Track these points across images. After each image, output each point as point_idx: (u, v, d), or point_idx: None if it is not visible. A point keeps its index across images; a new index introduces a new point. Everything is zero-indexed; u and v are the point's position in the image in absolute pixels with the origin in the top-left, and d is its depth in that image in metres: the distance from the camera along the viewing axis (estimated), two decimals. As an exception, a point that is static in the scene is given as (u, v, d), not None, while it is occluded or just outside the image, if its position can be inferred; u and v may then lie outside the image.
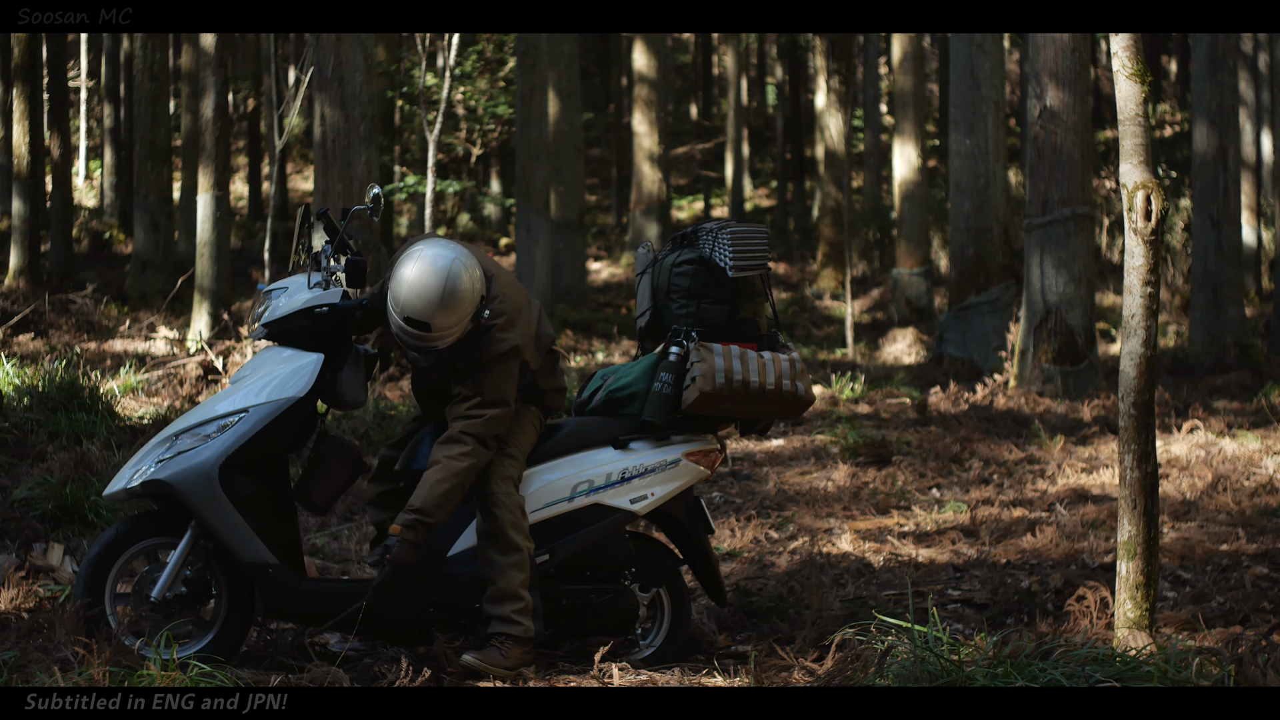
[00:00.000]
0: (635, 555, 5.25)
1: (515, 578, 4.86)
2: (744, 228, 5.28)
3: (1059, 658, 4.07)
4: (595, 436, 5.20)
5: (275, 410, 4.84)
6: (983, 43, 14.28)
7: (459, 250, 4.84)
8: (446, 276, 4.75)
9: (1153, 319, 4.71)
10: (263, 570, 4.77)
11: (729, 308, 5.30)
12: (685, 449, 5.24)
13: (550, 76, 18.27)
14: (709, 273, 5.27)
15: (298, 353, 4.94)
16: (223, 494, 4.71)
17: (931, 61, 34.16)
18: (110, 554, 4.74)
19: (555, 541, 5.07)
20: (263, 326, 4.99)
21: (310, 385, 4.89)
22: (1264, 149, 20.53)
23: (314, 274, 5.03)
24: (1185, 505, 7.94)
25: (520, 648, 4.83)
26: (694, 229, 5.43)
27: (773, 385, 5.17)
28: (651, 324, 5.40)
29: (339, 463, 4.99)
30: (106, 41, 23.31)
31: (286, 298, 4.99)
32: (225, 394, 4.94)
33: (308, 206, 5.29)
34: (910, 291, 19.55)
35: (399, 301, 4.78)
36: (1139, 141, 4.80)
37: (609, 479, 5.15)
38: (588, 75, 33.33)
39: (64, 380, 8.62)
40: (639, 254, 5.51)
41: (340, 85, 10.87)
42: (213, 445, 4.75)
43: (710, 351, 5.13)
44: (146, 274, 16.44)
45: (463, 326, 4.84)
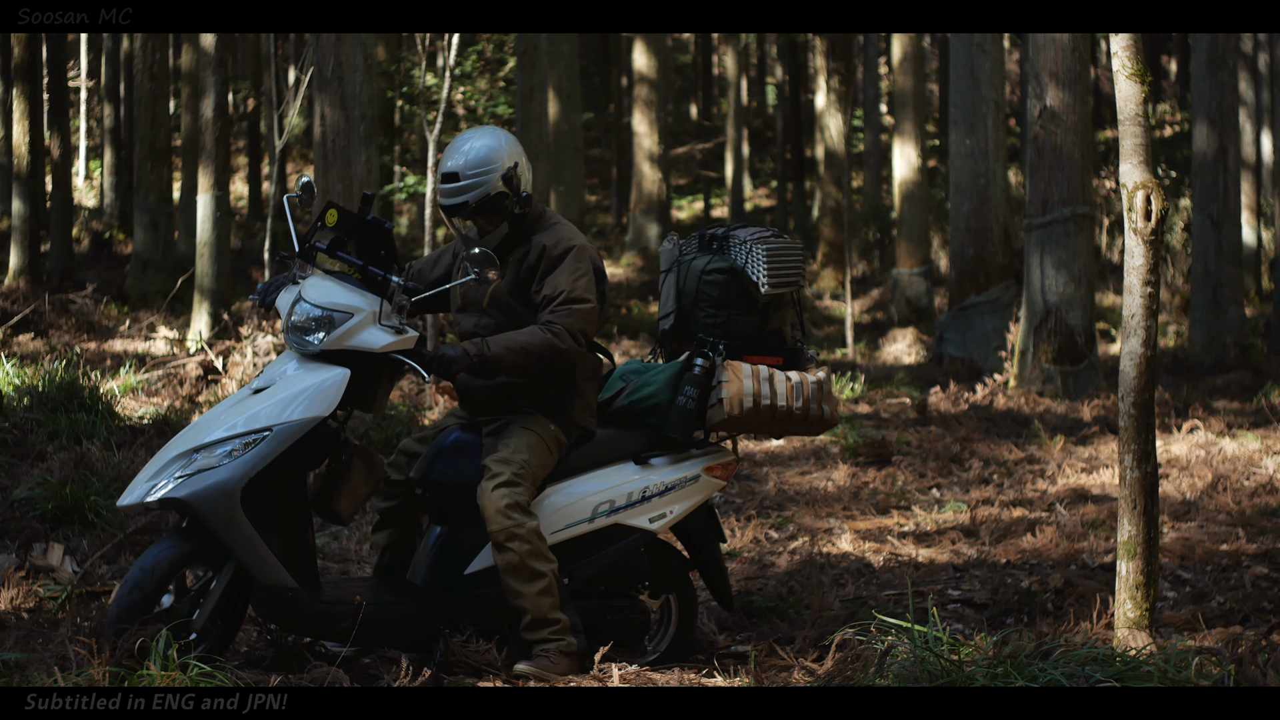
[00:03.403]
0: (649, 568, 5.21)
1: (545, 603, 4.82)
2: (780, 243, 5.18)
3: (1059, 658, 4.07)
4: (616, 451, 5.13)
5: (299, 430, 4.67)
6: (983, 43, 14.28)
7: (498, 129, 5.08)
8: (481, 131, 5.04)
9: (1153, 319, 4.71)
10: (281, 594, 4.66)
11: (757, 320, 5.22)
12: (705, 463, 5.20)
13: (550, 76, 18.27)
14: (739, 285, 5.19)
15: (321, 366, 4.77)
16: (243, 516, 4.57)
17: (931, 61, 34.16)
18: (166, 571, 4.55)
19: (574, 564, 5.01)
20: (321, 350, 4.76)
21: (336, 404, 4.73)
22: (1264, 149, 20.53)
23: (381, 302, 4.78)
24: (1185, 505, 7.93)
25: (567, 658, 4.82)
26: (725, 233, 5.32)
27: (800, 408, 5.11)
28: (675, 328, 5.31)
29: (360, 471, 4.84)
30: (106, 41, 23.30)
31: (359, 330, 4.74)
32: (244, 403, 4.76)
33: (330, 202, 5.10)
34: (910, 291, 19.54)
35: (438, 172, 5.01)
36: (1139, 141, 4.80)
37: (630, 498, 5.08)
38: (588, 75, 33.33)
39: (64, 380, 8.62)
40: (664, 248, 5.41)
41: (340, 85, 10.86)
42: (234, 465, 4.58)
43: (739, 373, 5.05)
44: (146, 274, 16.43)
45: (492, 182, 4.94)
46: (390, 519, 5.25)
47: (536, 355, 4.87)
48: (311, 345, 4.78)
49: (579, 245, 5.02)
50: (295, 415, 4.67)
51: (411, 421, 9.17)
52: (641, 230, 24.56)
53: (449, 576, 4.96)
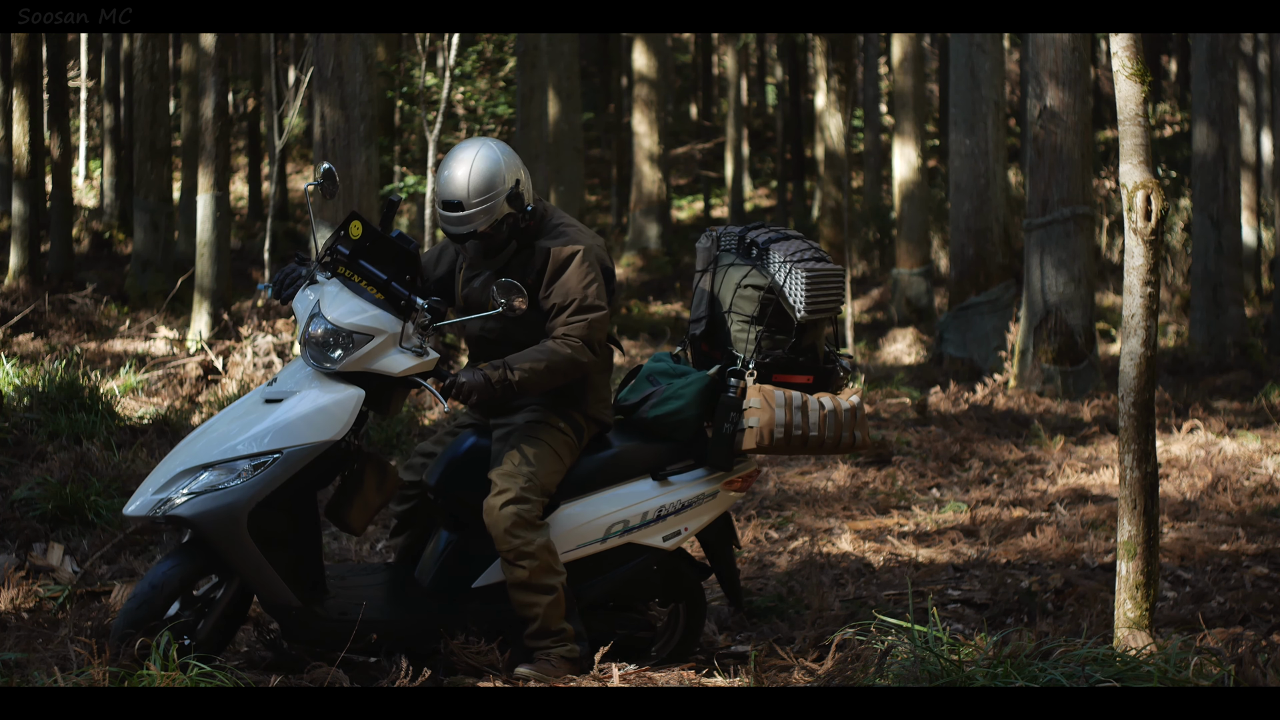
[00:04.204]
0: (661, 584, 5.16)
1: (554, 613, 4.81)
2: (822, 268, 5.03)
3: (1059, 658, 4.07)
4: (635, 466, 5.05)
5: (310, 453, 4.60)
6: (983, 43, 14.28)
7: (491, 141, 4.95)
8: (478, 150, 4.89)
9: (1153, 319, 4.71)
10: (285, 613, 4.63)
11: (791, 339, 5.12)
12: (725, 477, 5.13)
13: (550, 76, 18.26)
14: (776, 306, 5.08)
15: (337, 384, 4.68)
16: (248, 538, 4.51)
17: (931, 61, 34.14)
18: (174, 587, 4.53)
19: (584, 583, 4.96)
20: (337, 369, 4.68)
21: (349, 426, 4.66)
22: (1264, 149, 20.53)
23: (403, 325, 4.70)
24: (1185, 505, 7.93)
25: (568, 662, 4.81)
26: (766, 241, 5.16)
27: (832, 436, 5.03)
28: (707, 334, 5.22)
29: (373, 481, 4.77)
30: (106, 41, 23.30)
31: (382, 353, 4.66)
32: (256, 411, 4.68)
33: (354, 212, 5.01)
34: (910, 291, 19.54)
35: (436, 193, 4.91)
36: (1139, 141, 4.80)
37: (645, 518, 5.00)
38: (588, 75, 33.32)
39: (64, 380, 8.62)
40: (700, 246, 5.30)
41: (340, 85, 10.86)
42: (243, 488, 4.51)
43: (771, 400, 4.96)
44: (146, 274, 16.43)
45: (498, 206, 4.85)
46: (408, 521, 5.22)
47: (561, 373, 4.82)
48: (329, 365, 4.70)
49: (584, 247, 4.95)
50: (306, 439, 4.60)
51: (412, 421, 9.17)
52: (641, 230, 24.55)
53: (456, 587, 4.92)
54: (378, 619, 4.76)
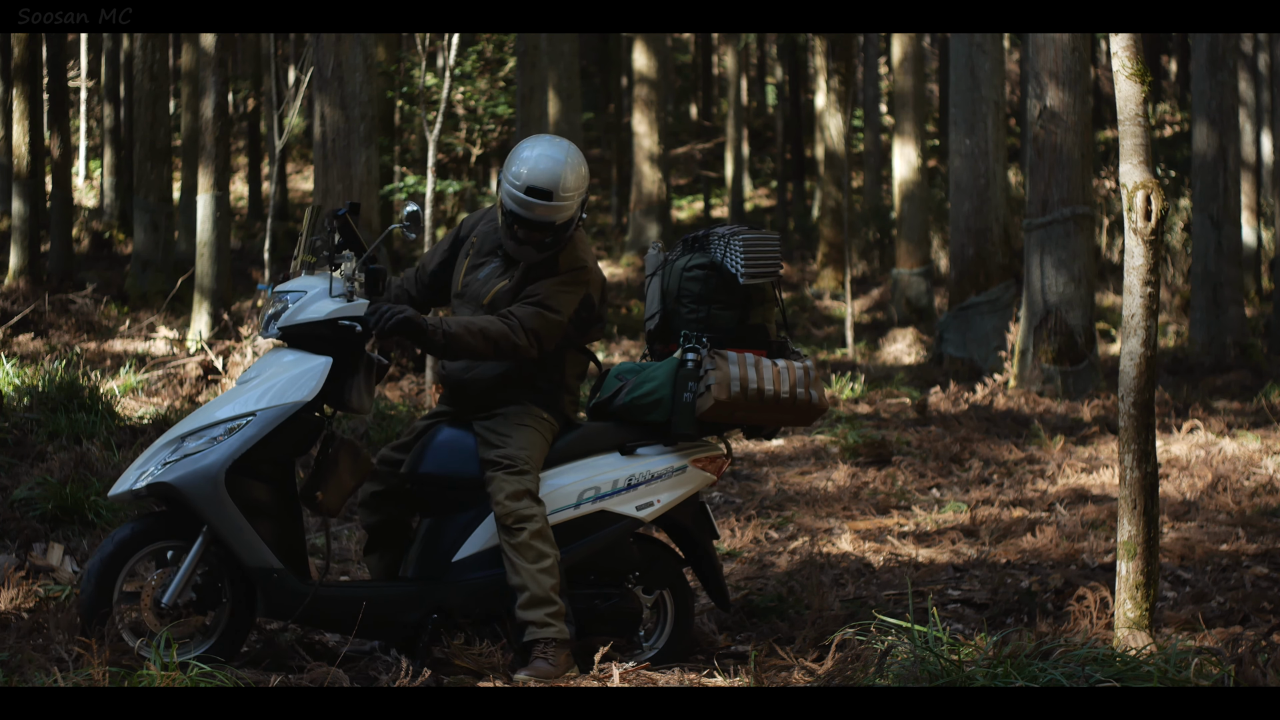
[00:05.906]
0: (640, 560, 5.24)
1: (547, 582, 4.86)
2: (756, 234, 5.24)
3: (1059, 658, 4.07)
4: (602, 442, 5.19)
5: (281, 415, 4.79)
6: (983, 43, 14.28)
7: (570, 144, 5.10)
8: (569, 147, 5.03)
9: (1153, 319, 4.71)
10: (267, 575, 4.74)
11: (739, 313, 5.28)
12: (692, 455, 5.23)
13: (550, 76, 18.27)
14: (720, 278, 5.25)
15: (305, 355, 4.89)
16: (228, 498, 4.68)
17: (931, 61, 34.16)
18: (122, 553, 4.69)
19: (561, 549, 5.04)
20: (279, 329, 4.92)
21: (317, 390, 4.84)
22: (1264, 149, 20.53)
23: (335, 280, 4.92)
24: (1185, 505, 7.94)
25: (562, 651, 4.85)
26: (705, 233, 5.41)
27: (787, 393, 5.14)
28: (661, 327, 5.38)
29: (347, 465, 4.91)
30: (106, 41, 23.31)
31: (309, 304, 4.90)
32: (231, 395, 4.89)
33: (318, 207, 5.22)
34: (910, 291, 19.55)
35: (521, 176, 4.94)
36: (1139, 141, 4.80)
37: (615, 486, 5.13)
38: (588, 75, 33.32)
39: (64, 380, 8.62)
40: (649, 255, 5.49)
41: (340, 85, 10.86)
42: (219, 449, 4.71)
43: (725, 359, 5.11)
44: (146, 274, 16.43)
45: (577, 203, 5.01)
46: (379, 537, 5.25)
47: (493, 345, 4.91)
48: (274, 328, 4.93)
49: (584, 268, 5.09)
50: (277, 400, 4.79)
51: (411, 421, 9.16)
52: (641, 230, 24.56)
53: (437, 564, 5.02)
54: (363, 593, 4.91)
